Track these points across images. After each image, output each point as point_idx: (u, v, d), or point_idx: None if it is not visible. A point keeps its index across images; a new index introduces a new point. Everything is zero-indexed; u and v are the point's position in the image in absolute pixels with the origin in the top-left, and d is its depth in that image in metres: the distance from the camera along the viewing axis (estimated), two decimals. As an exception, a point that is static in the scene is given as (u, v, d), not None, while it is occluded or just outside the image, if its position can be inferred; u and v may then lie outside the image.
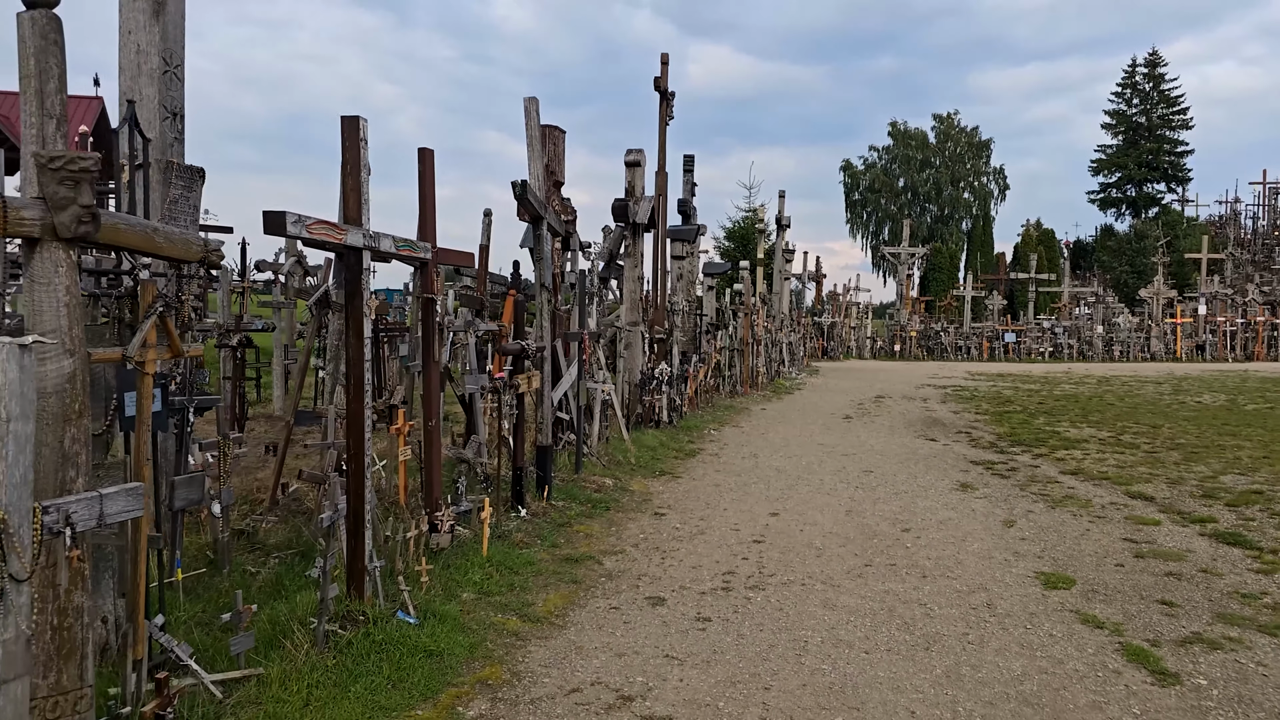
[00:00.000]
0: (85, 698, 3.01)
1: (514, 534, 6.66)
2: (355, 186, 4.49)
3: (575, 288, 10.76)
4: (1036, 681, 4.42)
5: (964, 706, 4.13)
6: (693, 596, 5.69)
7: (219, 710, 3.67)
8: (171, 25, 5.23)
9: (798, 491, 9.13)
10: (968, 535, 7.34)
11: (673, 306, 17.02)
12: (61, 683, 2.92)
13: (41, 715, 2.91)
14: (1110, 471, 10.25)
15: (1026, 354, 37.08)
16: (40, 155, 2.78)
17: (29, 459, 2.48)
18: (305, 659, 4.13)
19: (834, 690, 4.29)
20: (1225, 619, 5.35)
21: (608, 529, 7.35)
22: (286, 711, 3.70)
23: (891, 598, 5.70)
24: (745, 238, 40.61)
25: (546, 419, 8.03)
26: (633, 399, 12.85)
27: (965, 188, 69.69)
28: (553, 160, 8.89)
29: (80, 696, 2.99)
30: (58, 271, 2.85)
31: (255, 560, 5.47)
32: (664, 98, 17.50)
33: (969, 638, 5.01)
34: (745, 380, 20.20)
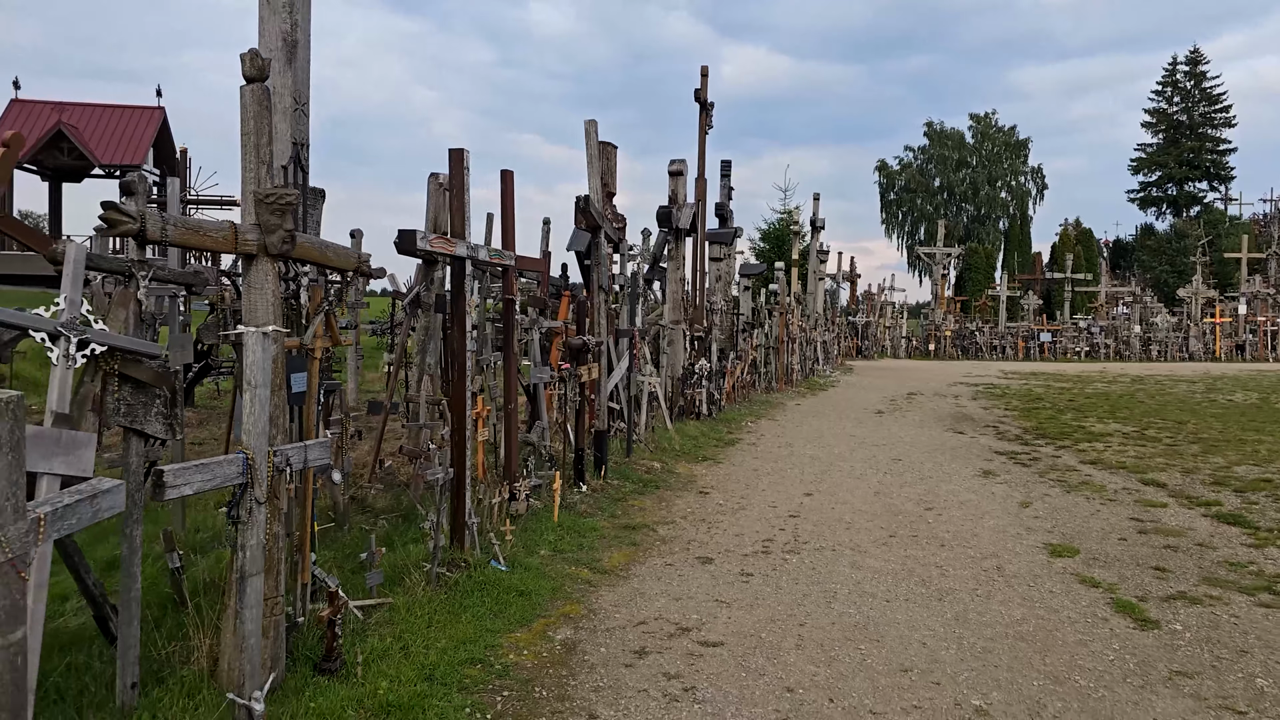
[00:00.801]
0: (279, 604, 3.94)
1: (578, 505, 7.57)
2: (460, 208, 5.42)
3: (623, 289, 11.65)
4: (1033, 625, 5.20)
5: (968, 640, 4.93)
6: (736, 558, 6.54)
7: (363, 627, 4.60)
8: (300, 70, 6.20)
9: (830, 476, 9.92)
10: (985, 514, 8.09)
11: (711, 306, 17.84)
12: (267, 589, 3.86)
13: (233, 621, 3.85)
14: (1128, 462, 10.88)
15: (1062, 354, 37.25)
16: (258, 192, 3.72)
17: (266, 415, 3.42)
18: (423, 593, 5.06)
19: (858, 627, 5.12)
20: (1210, 582, 6.07)
21: (658, 504, 8.23)
22: (415, 629, 4.63)
23: (912, 561, 6.50)
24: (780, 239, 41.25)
25: (602, 407, 8.93)
26: (675, 392, 13.72)
27: (1002, 187, 69.46)
28: (606, 174, 9.79)
29: (275, 602, 3.93)
30: (267, 279, 3.79)
31: (366, 520, 6.43)
32: (704, 108, 18.32)
33: (978, 592, 5.80)
34: (780, 377, 20.95)
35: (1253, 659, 4.70)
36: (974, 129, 70.27)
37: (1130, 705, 4.13)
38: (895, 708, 4.08)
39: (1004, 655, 4.73)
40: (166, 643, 4.15)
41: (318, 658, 4.12)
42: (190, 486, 3.07)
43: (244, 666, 3.43)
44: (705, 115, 18.63)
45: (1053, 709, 4.09)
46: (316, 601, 4.66)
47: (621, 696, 4.14)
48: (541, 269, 7.69)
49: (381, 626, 4.65)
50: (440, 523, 5.33)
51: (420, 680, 4.05)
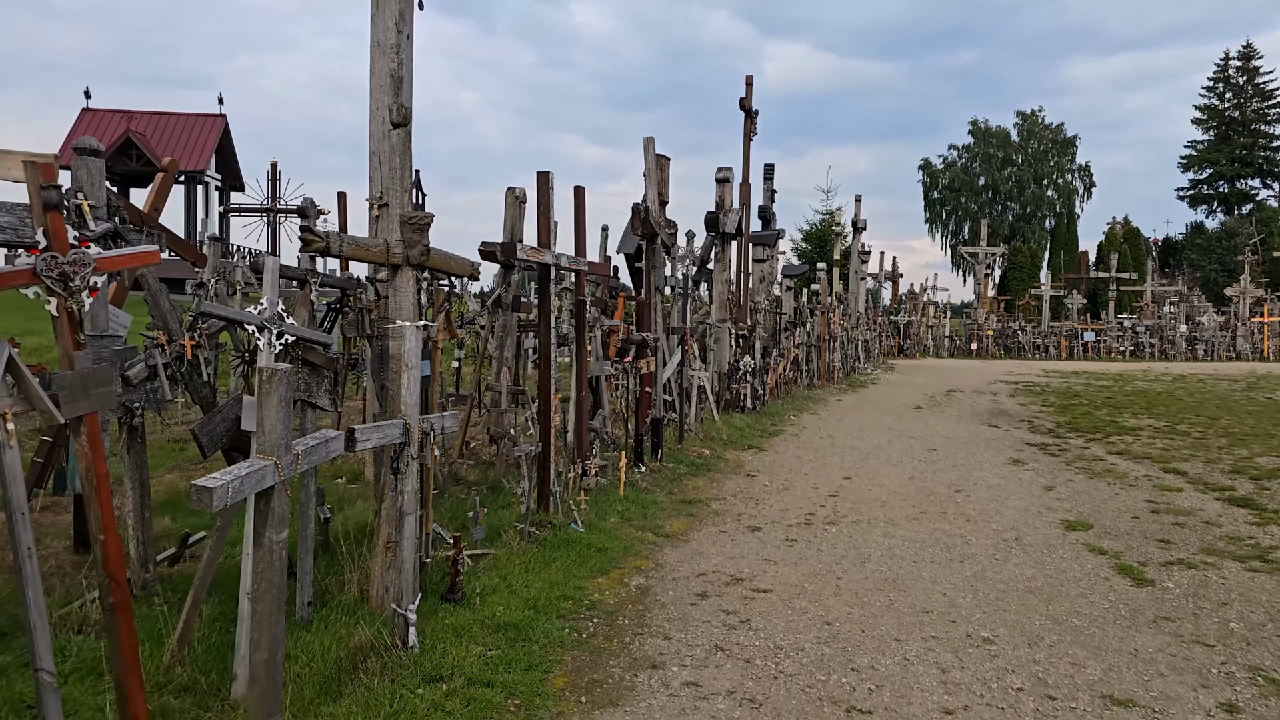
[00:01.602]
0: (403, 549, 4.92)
1: (639, 483, 8.50)
2: (546, 224, 6.38)
3: (674, 290, 12.56)
4: (1041, 581, 5.99)
5: (983, 592, 5.75)
6: (781, 528, 7.41)
7: (473, 571, 5.57)
8: (405, 98, 7.22)
9: (868, 464, 10.71)
10: (1010, 496, 8.84)
11: (755, 305, 18.65)
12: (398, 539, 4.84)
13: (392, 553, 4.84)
14: (1154, 453, 11.48)
15: (1106, 353, 37.22)
16: (403, 215, 4.71)
17: (416, 391, 4.40)
18: (517, 547, 6.03)
19: (888, 581, 5.97)
20: (1208, 551, 6.78)
21: (710, 484, 9.13)
22: (515, 573, 5.58)
23: (939, 533, 7.31)
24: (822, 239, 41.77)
25: (658, 397, 9.85)
26: (721, 387, 14.58)
27: (1049, 185, 68.84)
28: (661, 184, 10.70)
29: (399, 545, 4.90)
30: (408, 285, 4.78)
31: (460, 490, 7.44)
32: (748, 116, 19.17)
33: (995, 557, 6.60)
34: (822, 374, 21.67)
35: (1230, 609, 5.44)
36: (1020, 126, 69.76)
37: (1116, 639, 4.92)
38: (916, 637, 4.93)
39: (1013, 603, 5.54)
40: (322, 576, 5.17)
41: (443, 590, 5.10)
42: (370, 442, 4.05)
43: (401, 585, 4.42)
44: (750, 122, 19.48)
45: (1049, 640, 4.90)
46: (436, 550, 5.64)
47: (689, 625, 5.05)
48: (604, 273, 8.62)
49: (487, 571, 5.61)
50: (529, 490, 6.30)
51: (526, 609, 5.00)
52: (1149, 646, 4.83)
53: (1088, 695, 4.20)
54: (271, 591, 3.24)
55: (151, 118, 38.94)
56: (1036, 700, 4.15)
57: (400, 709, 3.75)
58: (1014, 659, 4.64)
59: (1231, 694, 4.23)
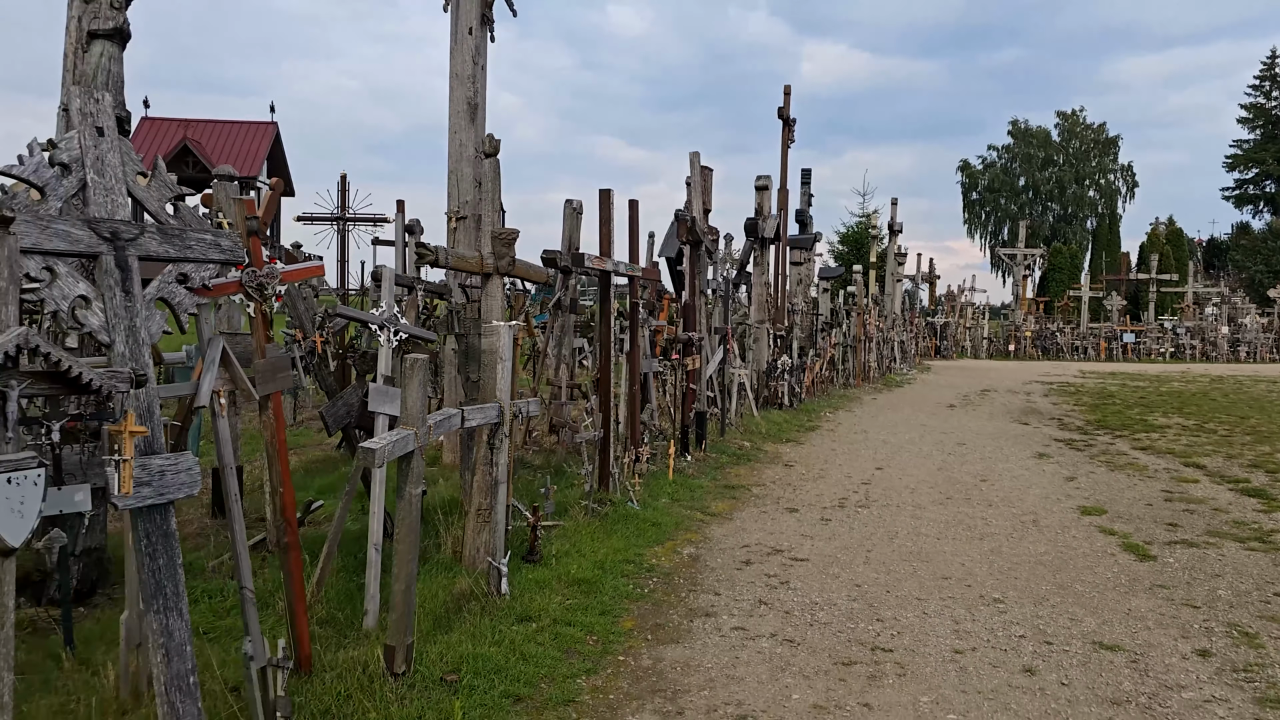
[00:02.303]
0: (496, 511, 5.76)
1: (685, 470, 9.29)
2: (607, 235, 7.19)
3: (715, 292, 13.32)
4: (1052, 556, 6.66)
5: (998, 564, 6.44)
6: (817, 509, 8.14)
7: (547, 539, 6.40)
8: (479, 126, 8.11)
9: (899, 456, 11.37)
10: (1032, 485, 9.46)
11: (792, 307, 19.32)
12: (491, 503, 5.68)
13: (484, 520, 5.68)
14: (1177, 449, 11.96)
15: (1146, 354, 37.11)
16: (494, 231, 5.56)
17: (509, 379, 5.23)
18: (582, 520, 6.85)
19: (912, 554, 6.68)
20: (1212, 533, 7.37)
21: (751, 472, 9.88)
22: (582, 541, 6.40)
23: (962, 515, 7.98)
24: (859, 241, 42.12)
25: (702, 392, 10.63)
26: (760, 384, 15.31)
27: (1090, 186, 68.25)
28: (704, 194, 11.47)
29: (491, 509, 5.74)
30: (498, 290, 5.62)
31: (528, 473, 8.29)
32: (786, 124, 19.84)
33: (1012, 536, 7.27)
34: (858, 374, 22.24)
35: (1222, 580, 6.07)
36: (1060, 126, 69.25)
37: (1113, 601, 5.59)
38: (935, 597, 5.65)
39: (1024, 572, 6.23)
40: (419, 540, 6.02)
41: (523, 553, 5.93)
42: (475, 420, 4.89)
43: (494, 543, 5.26)
44: (788, 130, 20.15)
45: (1053, 601, 5.59)
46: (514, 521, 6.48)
47: (736, 584, 5.83)
48: (654, 278, 9.42)
49: (558, 539, 6.44)
50: (592, 471, 7.12)
51: (594, 569, 5.81)
52: (1141, 607, 5.49)
53: (1080, 642, 4.89)
54: (409, 535, 4.09)
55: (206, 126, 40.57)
56: (1035, 644, 4.85)
57: (500, 640, 4.58)
58: (1020, 615, 5.34)
59: (1207, 643, 4.90)
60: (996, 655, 4.71)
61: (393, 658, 4.07)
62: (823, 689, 4.26)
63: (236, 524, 3.69)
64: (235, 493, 3.70)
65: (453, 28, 7.99)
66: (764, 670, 4.47)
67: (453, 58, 8.02)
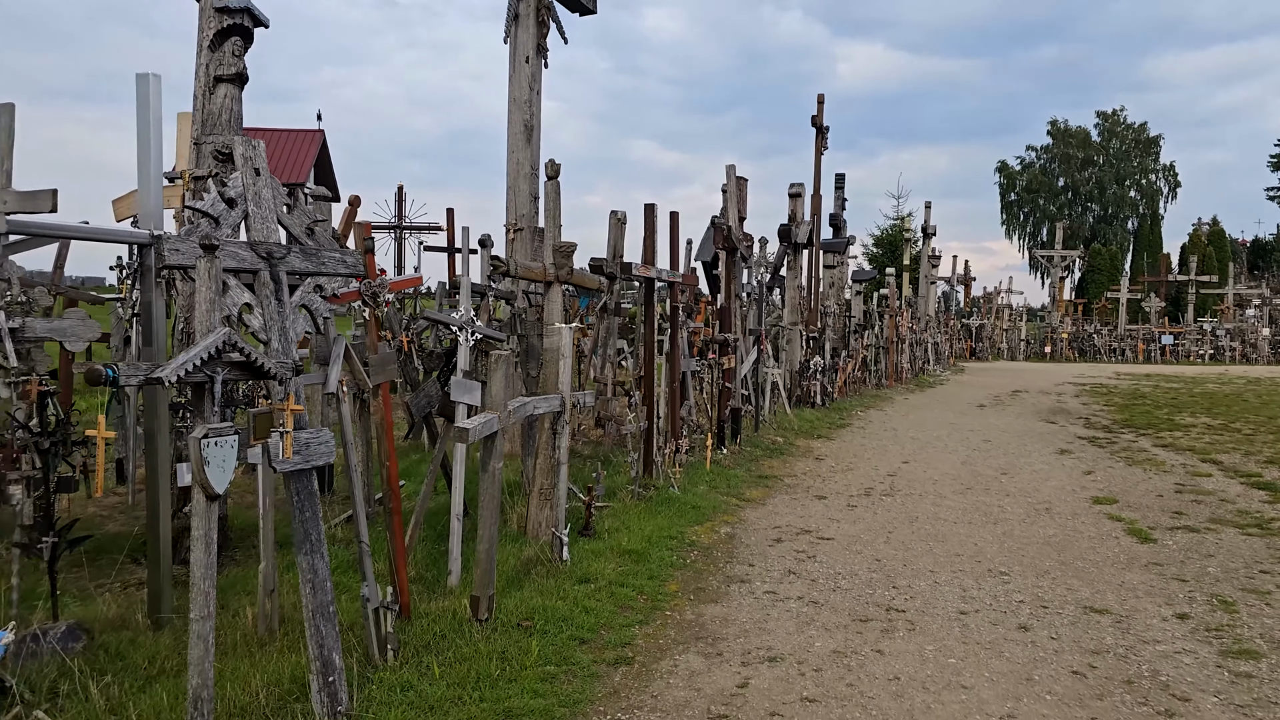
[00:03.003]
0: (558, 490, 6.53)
1: (722, 461, 10.00)
2: (650, 245, 7.94)
3: (749, 295, 14.00)
4: (1059, 538, 7.26)
5: (1008, 544, 7.06)
6: (844, 497, 8.81)
7: (599, 518, 7.16)
8: (535, 146, 8.91)
9: (925, 451, 11.96)
10: (1050, 478, 10.01)
11: (825, 309, 19.91)
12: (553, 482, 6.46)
13: (546, 497, 6.46)
14: (1198, 446, 12.38)
15: (1185, 357, 36.92)
16: (555, 244, 6.34)
17: (569, 374, 6.01)
18: (630, 503, 7.61)
19: (930, 535, 7.33)
20: (1214, 521, 7.90)
21: (783, 464, 10.56)
22: (630, 520, 7.15)
23: (980, 503, 8.59)
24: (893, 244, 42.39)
25: (737, 390, 11.33)
26: (793, 384, 15.95)
27: (1131, 186, 67.53)
28: (740, 203, 12.17)
29: (554, 487, 6.52)
30: (557, 296, 6.40)
31: (577, 462, 9.07)
32: (820, 132, 20.45)
33: (1025, 521, 7.87)
34: (890, 374, 22.74)
35: (1213, 560, 6.63)
36: (1100, 126, 68.58)
37: (1109, 576, 6.20)
38: (946, 569, 6.31)
39: (1031, 551, 6.85)
40: (487, 516, 6.82)
41: (579, 527, 6.70)
42: (542, 408, 5.67)
43: (557, 516, 6.04)
44: (821, 138, 20.75)
45: (1053, 574, 6.21)
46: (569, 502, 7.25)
47: (768, 558, 6.54)
48: (692, 283, 10.13)
49: (608, 519, 7.20)
50: (637, 459, 7.88)
51: (642, 542, 6.56)
52: (1133, 580, 6.09)
53: (1073, 607, 5.53)
54: (492, 503, 4.88)
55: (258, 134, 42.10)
56: (1032, 608, 5.50)
57: (564, 596, 5.34)
58: (1021, 585, 5.98)
59: (1188, 609, 5.50)
60: (996, 616, 5.37)
61: (477, 606, 4.85)
62: (841, 639, 4.96)
63: (357, 490, 4.50)
64: (355, 464, 4.51)
65: (511, 57, 8.81)
66: (791, 624, 5.18)
67: (511, 84, 8.84)
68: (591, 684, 4.28)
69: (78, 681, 3.92)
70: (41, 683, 3.94)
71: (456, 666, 4.28)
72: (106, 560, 5.60)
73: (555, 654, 4.56)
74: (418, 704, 3.91)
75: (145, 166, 4.44)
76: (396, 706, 3.86)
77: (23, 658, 4.07)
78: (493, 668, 4.28)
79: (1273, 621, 5.28)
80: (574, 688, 4.21)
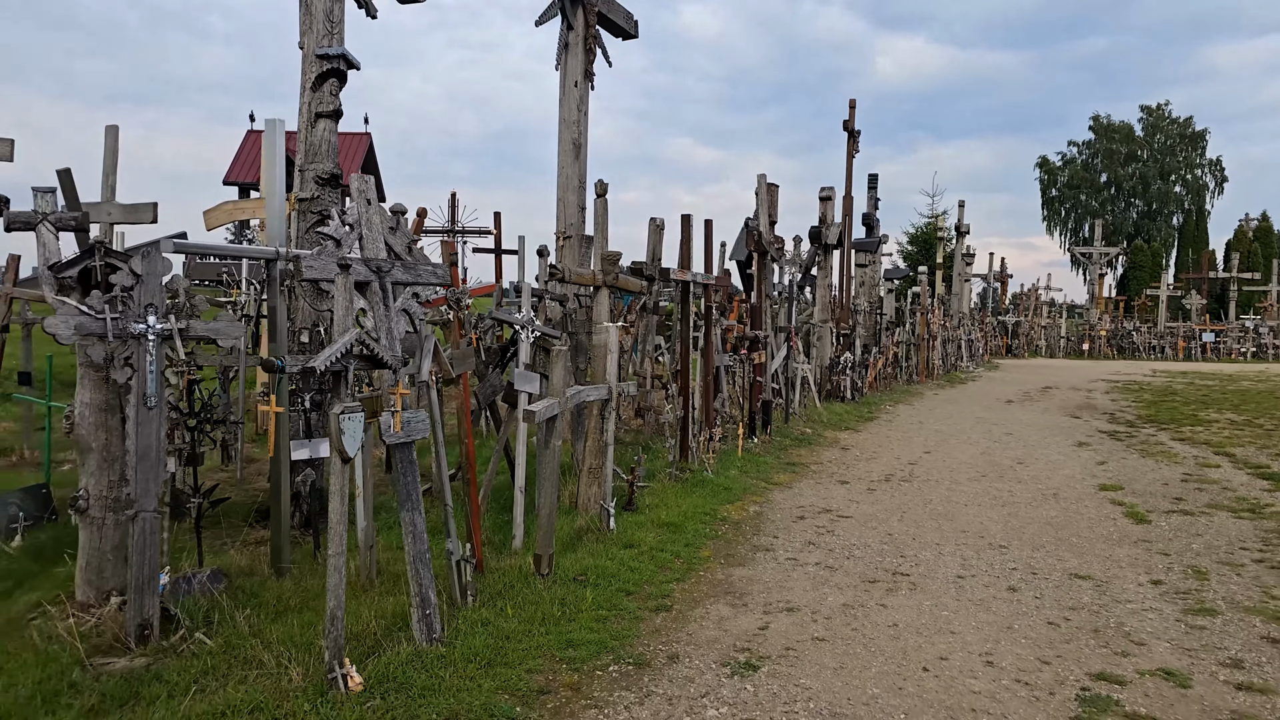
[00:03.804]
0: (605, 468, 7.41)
1: (752, 450, 10.82)
2: (686, 251, 8.78)
3: (781, 294, 14.75)
4: (1061, 519, 7.96)
5: (1011, 524, 7.78)
6: (865, 483, 9.57)
7: (640, 496, 8.02)
8: (582, 161, 9.80)
9: (948, 442, 12.63)
10: (1063, 467, 10.65)
11: (855, 307, 20.56)
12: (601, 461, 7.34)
13: (595, 475, 7.35)
14: (1215, 440, 12.86)
15: (1226, 354, 36.71)
16: (604, 253, 7.21)
17: (615, 367, 6.88)
18: (667, 484, 8.47)
19: (940, 514, 8.07)
20: (1211, 505, 8.52)
21: (810, 453, 11.34)
22: (667, 499, 8.00)
23: (991, 489, 9.29)
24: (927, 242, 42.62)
25: (768, 384, 12.12)
26: (823, 379, 16.67)
27: (1176, 181, 66.57)
28: (770, 209, 12.95)
29: (601, 466, 7.40)
30: (605, 298, 7.27)
31: (619, 448, 9.95)
32: (851, 136, 21.07)
33: (1032, 504, 8.57)
34: (922, 371, 23.28)
35: (1200, 538, 7.29)
36: (1144, 121, 67.67)
37: (1098, 550, 6.91)
38: (950, 543, 7.06)
39: (1032, 529, 7.57)
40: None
41: (623, 503, 7.57)
42: (593, 396, 6.55)
43: (605, 492, 6.92)
44: (852, 142, 21.36)
45: (1048, 548, 6.93)
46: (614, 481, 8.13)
47: (790, 531, 7.35)
48: (725, 285, 10.95)
49: (648, 497, 8.06)
50: (675, 445, 8.73)
51: (678, 517, 7.42)
52: (1120, 554, 6.80)
53: (1059, 573, 6.26)
54: (552, 475, 5.77)
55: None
56: (1023, 574, 6.24)
57: (612, 558, 6.22)
58: (1017, 556, 6.72)
59: (1163, 577, 6.20)
60: (990, 579, 6.13)
61: (540, 562, 5.75)
62: (851, 595, 5.76)
63: (442, 463, 5.42)
64: (441, 439, 5.43)
65: (561, 82, 9.70)
66: (808, 583, 6.00)
67: (561, 106, 9.73)
68: (637, 624, 5.15)
69: (225, 612, 4.90)
70: (197, 613, 4.91)
71: (525, 608, 5.18)
72: (228, 525, 6.61)
73: (606, 602, 5.43)
74: (496, 634, 4.81)
75: (272, 197, 5.40)
76: (479, 636, 4.76)
77: (179, 594, 5.06)
78: (555, 610, 5.17)
79: (1238, 588, 5.97)
80: (622, 626, 5.09)
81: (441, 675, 4.27)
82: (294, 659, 4.31)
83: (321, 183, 6.66)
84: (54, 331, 4.47)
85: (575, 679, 4.39)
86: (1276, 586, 5.98)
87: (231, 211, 9.28)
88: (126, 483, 4.75)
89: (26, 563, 5.88)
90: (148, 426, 4.64)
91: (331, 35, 6.87)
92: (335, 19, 6.93)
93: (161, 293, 4.74)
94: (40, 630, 4.80)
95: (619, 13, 10.45)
